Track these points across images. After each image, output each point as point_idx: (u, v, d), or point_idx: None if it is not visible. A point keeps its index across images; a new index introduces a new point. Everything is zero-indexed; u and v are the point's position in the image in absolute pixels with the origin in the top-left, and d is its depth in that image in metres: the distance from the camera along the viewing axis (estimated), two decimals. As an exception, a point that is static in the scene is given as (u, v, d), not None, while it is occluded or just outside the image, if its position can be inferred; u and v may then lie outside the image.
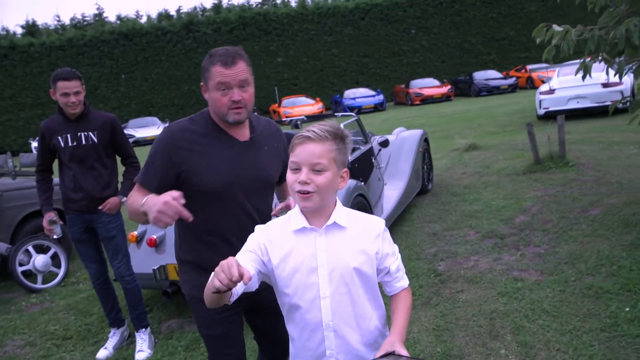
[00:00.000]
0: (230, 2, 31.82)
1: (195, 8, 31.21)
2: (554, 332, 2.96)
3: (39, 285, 4.96)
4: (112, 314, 3.65)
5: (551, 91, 11.39)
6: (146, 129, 22.20)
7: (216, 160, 1.92)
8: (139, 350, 3.46)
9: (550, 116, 10.96)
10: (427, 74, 29.05)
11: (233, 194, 1.94)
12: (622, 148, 7.55)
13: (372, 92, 24.72)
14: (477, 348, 2.94)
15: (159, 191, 1.94)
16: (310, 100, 24.69)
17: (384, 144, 5.21)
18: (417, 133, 6.36)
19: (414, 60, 30.33)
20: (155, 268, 3.74)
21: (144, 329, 3.55)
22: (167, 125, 2.05)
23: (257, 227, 1.59)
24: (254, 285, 1.50)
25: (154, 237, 4.00)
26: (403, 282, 1.58)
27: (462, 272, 3.97)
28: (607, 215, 4.69)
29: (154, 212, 1.60)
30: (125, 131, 20.05)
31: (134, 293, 3.57)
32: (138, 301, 3.58)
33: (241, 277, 1.20)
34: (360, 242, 1.49)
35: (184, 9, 31.35)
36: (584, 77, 4.01)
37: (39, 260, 5.01)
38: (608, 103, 10.91)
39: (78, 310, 4.33)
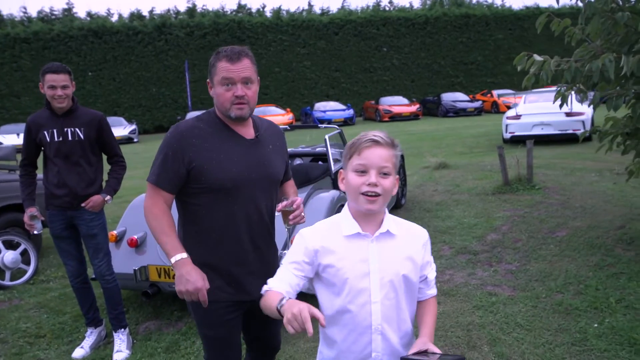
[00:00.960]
0: (204, 7, 31.61)
1: (168, 10, 30.89)
2: (529, 345, 3.10)
3: (6, 282, 4.82)
4: (89, 314, 3.60)
5: (517, 116, 11.83)
6: (112, 129, 21.62)
7: (225, 157, 1.95)
8: (117, 351, 3.42)
9: (515, 140, 11.38)
10: (397, 92, 29.63)
11: (242, 190, 1.97)
12: (584, 174, 7.93)
13: (342, 106, 24.99)
14: (456, 358, 3.05)
15: (174, 191, 1.98)
16: (280, 110, 24.75)
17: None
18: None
19: (384, 77, 30.87)
20: (136, 268, 3.72)
21: (122, 329, 3.52)
22: (174, 125, 2.08)
23: (304, 231, 1.57)
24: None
25: (135, 237, 3.97)
26: (433, 290, 1.65)
27: (438, 285, 4.10)
28: (572, 237, 4.93)
29: (187, 286, 1.88)
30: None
31: (114, 293, 3.53)
32: (117, 301, 3.54)
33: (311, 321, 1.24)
34: (409, 249, 1.55)
35: (157, 10, 30.92)
36: (561, 106, 4.23)
37: (8, 257, 4.87)
38: (570, 131, 11.44)
39: (50, 309, 4.23)
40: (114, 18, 29.98)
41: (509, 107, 19.44)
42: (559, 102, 11.19)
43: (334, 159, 4.95)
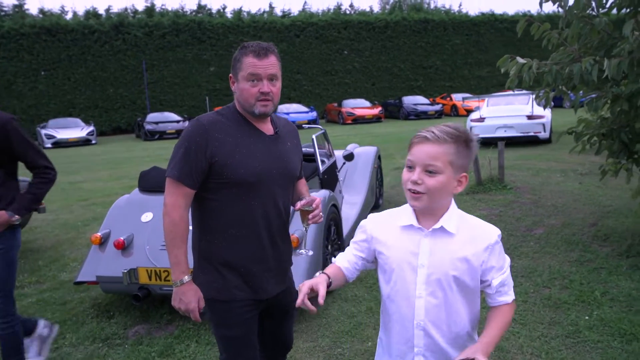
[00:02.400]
0: (163, 7, 30.97)
1: (126, 9, 30.10)
2: (525, 338, 3.19)
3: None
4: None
5: (481, 119, 12.17)
6: (68, 130, 21.02)
7: (248, 152, 1.93)
8: None
9: (479, 142, 11.67)
10: (358, 94, 29.90)
11: (264, 185, 1.96)
12: (550, 175, 8.23)
13: (305, 108, 25.03)
14: (457, 353, 3.10)
15: (196, 187, 1.93)
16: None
17: (349, 157, 5.37)
18: (371, 150, 6.58)
19: (346, 80, 31.09)
20: (125, 271, 3.60)
21: None
22: (195, 118, 2.03)
23: (370, 215, 1.63)
24: (351, 277, 1.61)
25: (122, 238, 3.85)
26: (506, 297, 1.51)
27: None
28: (550, 235, 5.11)
29: (180, 305, 1.97)
30: (45, 131, 18.67)
31: (9, 340, 2.84)
32: (15, 350, 2.88)
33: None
34: (465, 250, 1.46)
35: (114, 9, 30.07)
36: (545, 107, 4.38)
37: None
38: (532, 133, 11.85)
39: (28, 315, 4.03)
40: (69, 16, 28.98)
41: (468, 111, 19.96)
42: (523, 104, 11.60)
43: (321, 159, 4.95)
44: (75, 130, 21.04)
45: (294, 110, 24.34)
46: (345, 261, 1.63)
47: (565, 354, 2.99)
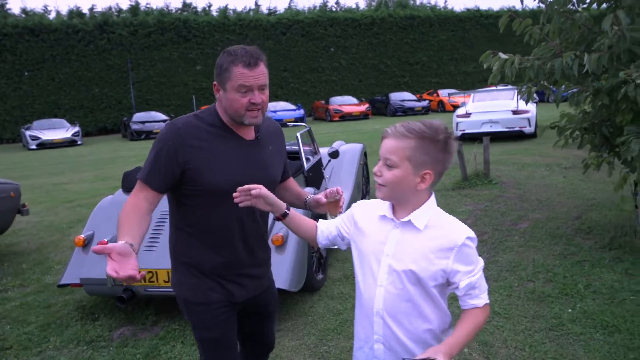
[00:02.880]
0: (148, 5, 30.73)
1: (110, 8, 29.81)
2: (509, 332, 3.22)
3: (-41, 293, 4.50)
4: None
5: (467, 115, 12.22)
6: (53, 131, 20.79)
7: (224, 160, 1.89)
8: None
9: (466, 138, 11.75)
10: (345, 91, 29.91)
11: None
12: (535, 169, 8.29)
13: (292, 106, 24.98)
14: (442, 348, 3.12)
15: (163, 190, 1.90)
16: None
17: (334, 155, 5.35)
18: (357, 147, 6.58)
19: (333, 77, 31.09)
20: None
21: None
22: (170, 121, 1.99)
23: (361, 201, 1.70)
24: (320, 242, 1.76)
25: (106, 240, 3.82)
26: (477, 300, 1.47)
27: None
28: (535, 229, 5.15)
29: (112, 265, 1.54)
30: (30, 133, 18.58)
31: None
32: None
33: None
34: (429, 248, 1.45)
35: (98, 8, 29.73)
36: (527, 102, 4.41)
37: (-40, 266, 4.54)
38: (517, 128, 11.93)
39: (12, 319, 4.00)
40: (52, 15, 28.64)
41: (455, 107, 20.05)
42: (509, 99, 11.65)
43: (306, 157, 4.94)
44: (60, 131, 20.82)
45: (281, 108, 24.30)
46: (324, 226, 1.75)
47: (549, 346, 3.02)
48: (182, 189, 1.90)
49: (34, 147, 19.95)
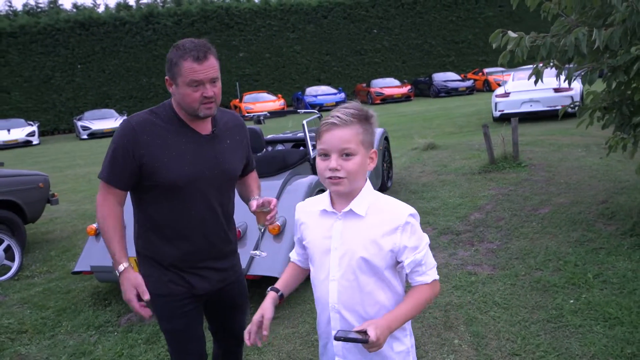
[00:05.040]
0: (191, -5, 31.19)
1: (155, -1, 30.48)
2: (504, 323, 3.12)
3: (-10, 279, 4.80)
4: None
5: (506, 94, 11.79)
6: (103, 121, 21.63)
7: (177, 154, 1.91)
8: None
9: (505, 118, 11.34)
10: (388, 73, 29.44)
11: (195, 188, 1.94)
12: (571, 150, 7.92)
13: (333, 90, 24.88)
14: (432, 338, 3.06)
15: (127, 188, 1.95)
16: (271, 97, 24.64)
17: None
18: (377, 131, 6.49)
19: (375, 59, 30.65)
20: (115, 261, 3.71)
21: None
22: (125, 118, 2.03)
23: (298, 205, 1.69)
24: (306, 265, 1.70)
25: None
26: (424, 277, 1.48)
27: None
28: (555, 214, 4.94)
29: (123, 296, 1.93)
30: (81, 123, 19.37)
31: None
32: None
33: None
34: (375, 232, 1.46)
35: (144, 0, 30.47)
36: (536, 82, 4.22)
37: (-9, 254, 4.84)
38: (559, 107, 11.37)
39: (33, 304, 4.24)
40: (101, 9, 29.63)
41: (499, 85, 19.37)
42: (551, 77, 11.10)
43: (313, 143, 4.92)
44: (109, 120, 21.61)
45: (322, 92, 24.28)
46: (295, 254, 1.74)
47: (543, 339, 2.91)
48: (141, 184, 1.95)
49: (85, 137, 20.84)
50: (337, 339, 1.38)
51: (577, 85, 11.48)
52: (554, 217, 4.86)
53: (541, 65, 4.37)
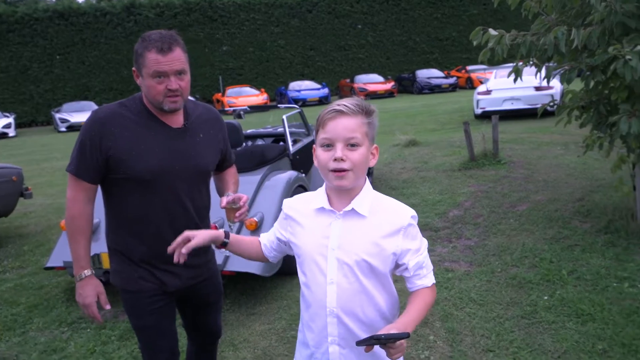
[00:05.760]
0: (174, -14, 30.79)
1: (137, -10, 29.99)
2: (479, 319, 3.13)
3: (-39, 274, 4.69)
4: None
5: (488, 92, 11.87)
6: (82, 113, 21.23)
7: (146, 147, 1.87)
8: None
9: (486, 115, 11.42)
10: (372, 69, 29.47)
11: (164, 182, 1.90)
12: (550, 148, 8.01)
13: (317, 85, 24.81)
14: (408, 335, 3.06)
15: (95, 181, 1.90)
16: (255, 91, 24.50)
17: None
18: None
19: (359, 55, 30.65)
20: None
21: None
22: (94, 110, 1.98)
23: (286, 200, 1.60)
24: (269, 256, 1.67)
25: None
26: (425, 280, 1.44)
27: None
28: (532, 211, 4.98)
29: (79, 299, 1.95)
30: (60, 115, 19.00)
31: None
32: None
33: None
34: (377, 234, 1.40)
35: (126, -9, 29.95)
36: (515, 80, 4.24)
37: (-38, 248, 4.72)
38: (539, 105, 11.50)
39: (3, 300, 4.14)
40: (81, -1, 29.09)
41: (482, 82, 19.51)
42: (531, 75, 11.09)
43: (293, 139, 4.89)
44: (88, 113, 20.99)
45: (305, 87, 24.19)
46: (265, 239, 1.66)
47: (517, 335, 2.93)
48: (108, 177, 1.90)
49: (63, 129, 20.50)
50: (374, 338, 1.24)
51: (557, 84, 11.62)
52: (531, 214, 4.90)
53: (521, 63, 4.39)
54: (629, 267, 3.58)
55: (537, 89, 11.41)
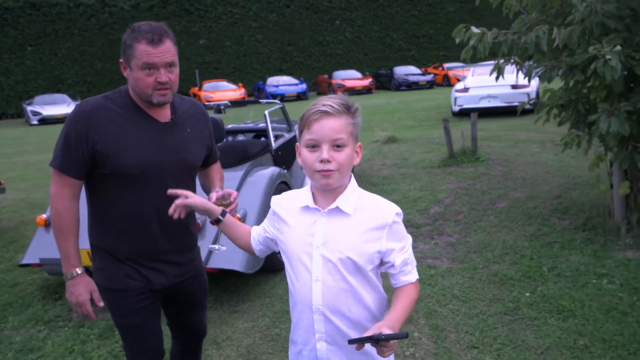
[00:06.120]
0: (150, -22, 30.29)
1: (112, -19, 29.42)
2: (463, 316, 3.16)
3: None
4: None
5: (466, 89, 11.99)
6: (55, 106, 20.76)
7: (133, 142, 1.82)
8: None
9: (464, 113, 11.54)
10: (350, 65, 29.48)
11: (151, 177, 1.86)
12: (527, 146, 8.13)
13: (295, 81, 24.71)
14: (393, 332, 3.07)
15: (81, 176, 1.85)
16: (232, 86, 24.27)
17: (308, 132, 5.21)
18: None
19: (337, 51, 30.64)
20: (66, 253, 3.54)
21: None
22: (78, 102, 1.91)
23: (274, 197, 1.60)
24: (256, 249, 1.68)
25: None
26: (410, 276, 1.45)
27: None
28: (512, 208, 5.04)
29: (71, 298, 1.89)
30: (31, 108, 18.52)
31: None
32: None
33: None
34: (362, 231, 1.41)
35: (100, -19, 29.36)
36: (497, 78, 4.27)
37: None
38: (516, 103, 11.66)
39: (-23, 298, 4.02)
40: (53, -11, 28.35)
41: (459, 80, 19.70)
42: (509, 74, 11.19)
43: (275, 134, 4.85)
44: (61, 106, 20.76)
45: (283, 83, 24.08)
46: (255, 232, 1.67)
47: (500, 331, 2.96)
48: (94, 172, 1.85)
49: (35, 122, 19.99)
50: (374, 338, 1.25)
51: (533, 83, 11.80)
52: (510, 211, 4.96)
53: (502, 61, 4.43)
54: (607, 263, 3.65)
55: (514, 87, 11.56)
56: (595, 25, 3.61)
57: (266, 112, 4.70)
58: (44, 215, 3.95)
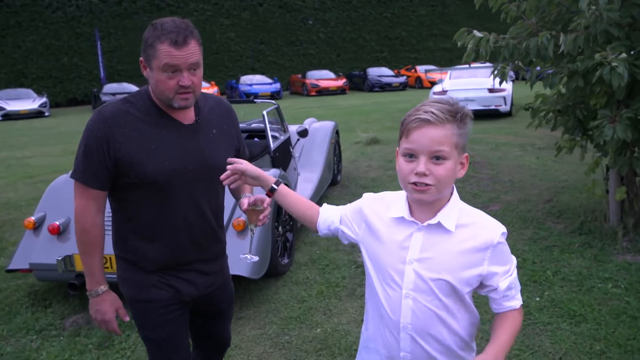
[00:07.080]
0: (119, -28, 29.59)
1: (79, -27, 28.60)
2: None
3: None
4: None
5: (443, 92, 12.10)
6: (19, 101, 20.03)
7: (157, 148, 1.71)
8: None
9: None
10: (322, 65, 29.49)
11: (178, 184, 1.74)
12: (509, 149, 8.24)
13: (269, 80, 24.54)
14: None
15: (105, 187, 1.73)
16: (204, 84, 23.90)
17: (303, 133, 5.16)
18: (329, 125, 6.40)
19: (310, 51, 30.62)
20: (59, 258, 3.37)
21: None
22: (97, 109, 1.78)
23: (368, 194, 1.50)
24: (321, 230, 1.56)
25: (57, 223, 3.61)
26: (514, 302, 1.35)
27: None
28: (506, 212, 5.08)
29: (96, 315, 1.81)
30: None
31: None
32: None
33: None
34: (462, 252, 1.29)
35: (66, -27, 28.52)
36: (500, 82, 4.28)
37: None
38: (493, 107, 11.88)
39: (-42, 306, 3.78)
40: (17, -20, 27.37)
41: (432, 83, 19.94)
42: (485, 77, 11.48)
43: (272, 135, 4.75)
44: (26, 101, 20.06)
45: (257, 82, 23.88)
46: (327, 214, 1.54)
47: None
48: (117, 181, 1.73)
49: (-1, 118, 19.24)
50: None
51: (509, 87, 12.03)
52: (505, 214, 5.00)
53: (509, 66, 4.45)
54: (609, 267, 3.70)
55: (491, 90, 11.77)
56: (599, 32, 3.65)
57: (264, 112, 4.59)
58: (33, 218, 3.75)
